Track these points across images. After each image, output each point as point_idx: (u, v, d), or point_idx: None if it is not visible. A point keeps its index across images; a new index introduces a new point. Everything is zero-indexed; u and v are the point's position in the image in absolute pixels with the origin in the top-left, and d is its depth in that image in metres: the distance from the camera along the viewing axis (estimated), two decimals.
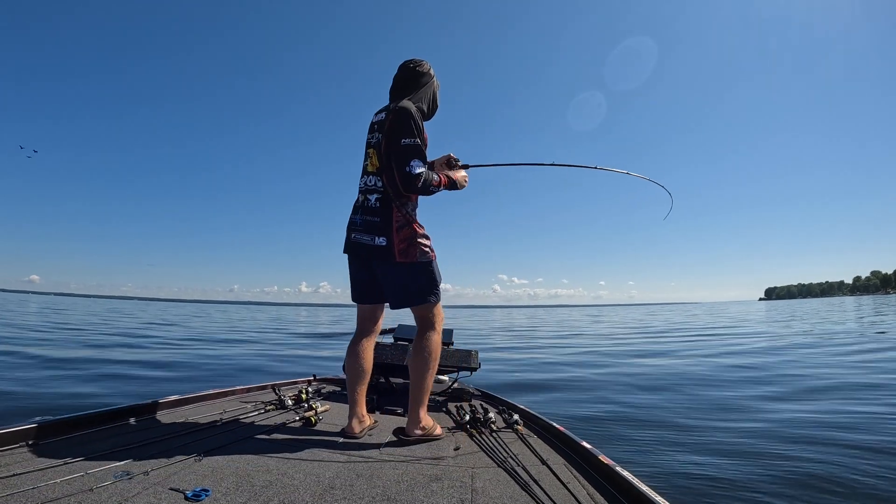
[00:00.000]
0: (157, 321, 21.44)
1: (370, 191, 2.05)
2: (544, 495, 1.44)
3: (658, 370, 7.00)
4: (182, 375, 6.24)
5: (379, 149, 2.03)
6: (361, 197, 2.10)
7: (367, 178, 2.09)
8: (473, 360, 3.12)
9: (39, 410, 3.74)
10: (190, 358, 8.22)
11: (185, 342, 11.38)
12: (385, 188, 2.01)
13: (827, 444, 3.14)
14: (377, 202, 2.02)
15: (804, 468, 2.75)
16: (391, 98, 2.20)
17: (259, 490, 1.39)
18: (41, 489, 1.29)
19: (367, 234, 2.01)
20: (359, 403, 2.11)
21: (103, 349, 8.84)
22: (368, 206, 2.04)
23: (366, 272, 2.12)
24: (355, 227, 2.07)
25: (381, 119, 2.08)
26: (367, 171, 2.10)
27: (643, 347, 10.79)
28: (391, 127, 1.98)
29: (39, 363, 6.55)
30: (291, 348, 10.97)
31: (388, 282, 2.07)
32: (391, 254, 1.97)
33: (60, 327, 14.47)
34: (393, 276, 2.04)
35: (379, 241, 1.98)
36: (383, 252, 1.98)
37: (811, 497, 2.40)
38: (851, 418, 3.79)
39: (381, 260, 2.01)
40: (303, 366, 7.65)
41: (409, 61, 2.19)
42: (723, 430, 3.62)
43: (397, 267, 2.00)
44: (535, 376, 6.53)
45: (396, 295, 2.07)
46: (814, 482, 2.56)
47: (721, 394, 5.05)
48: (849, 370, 6.34)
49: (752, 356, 8.34)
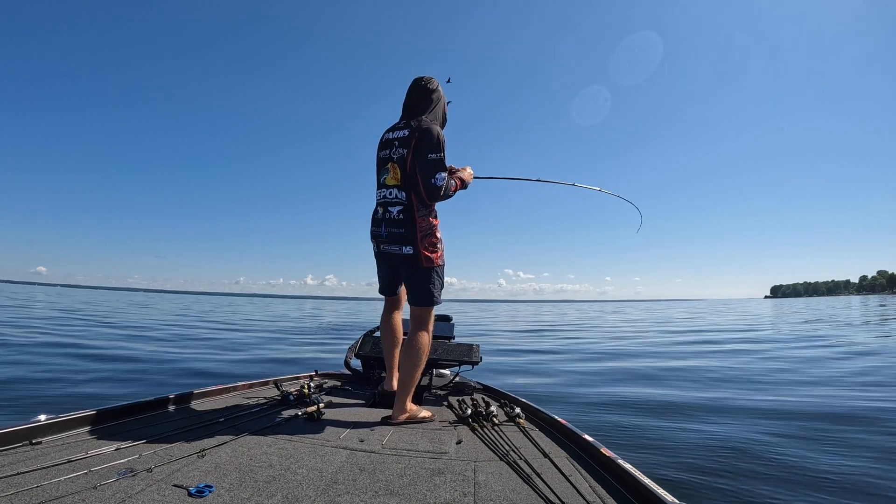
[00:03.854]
0: (218, 316, 21.51)
1: (392, 203, 2.25)
2: (546, 488, 1.44)
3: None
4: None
5: (402, 163, 2.22)
6: (381, 209, 2.30)
7: (386, 191, 2.28)
8: (475, 353, 3.13)
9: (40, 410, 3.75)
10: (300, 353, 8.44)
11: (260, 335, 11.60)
12: (408, 200, 2.21)
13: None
14: (400, 214, 2.23)
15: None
16: (405, 114, 2.37)
17: (262, 485, 1.39)
18: (45, 487, 1.29)
19: (395, 244, 2.25)
20: (393, 367, 2.56)
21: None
22: (392, 218, 2.24)
23: (393, 273, 2.45)
24: (382, 240, 2.30)
25: (404, 136, 2.25)
26: (387, 184, 2.28)
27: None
28: (418, 144, 2.19)
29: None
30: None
31: (409, 283, 2.36)
32: (417, 260, 2.23)
33: (178, 323, 14.56)
34: (415, 279, 2.31)
35: (406, 249, 2.23)
36: (411, 259, 2.24)
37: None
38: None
39: (407, 266, 2.28)
40: (304, 365, 7.68)
41: (421, 79, 2.36)
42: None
43: (419, 272, 2.27)
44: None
45: (412, 295, 2.36)
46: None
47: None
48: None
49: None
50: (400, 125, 2.33)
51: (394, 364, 2.57)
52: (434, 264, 2.27)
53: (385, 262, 2.38)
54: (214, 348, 8.80)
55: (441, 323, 3.47)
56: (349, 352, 3.40)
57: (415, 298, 2.34)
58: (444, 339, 3.30)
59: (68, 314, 16.79)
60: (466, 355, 3.12)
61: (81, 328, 11.64)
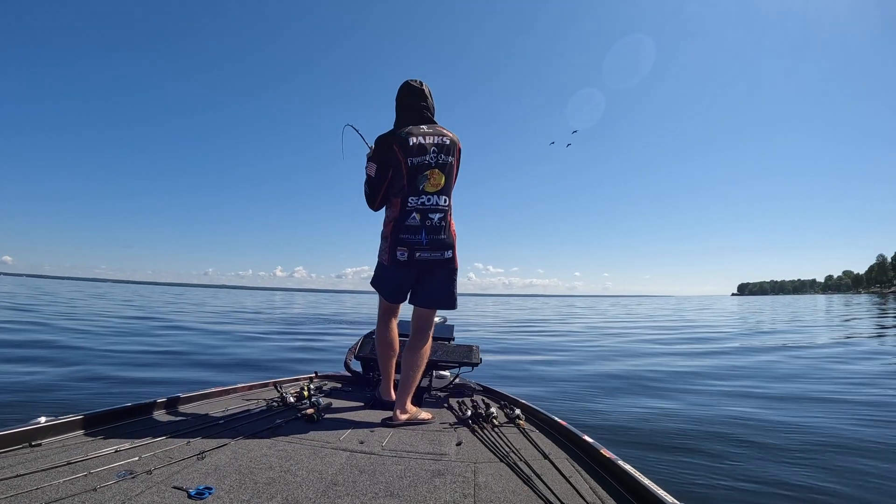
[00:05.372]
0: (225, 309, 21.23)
1: (432, 210, 2.22)
2: (546, 489, 1.44)
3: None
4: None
5: (448, 170, 2.25)
6: (419, 215, 2.21)
7: (424, 198, 2.22)
8: (475, 355, 3.12)
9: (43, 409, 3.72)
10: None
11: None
12: (447, 206, 2.26)
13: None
14: (441, 220, 2.24)
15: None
16: (418, 118, 2.32)
17: (262, 487, 1.39)
18: (45, 489, 1.29)
19: (437, 251, 2.24)
20: (391, 376, 2.52)
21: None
22: (433, 225, 2.22)
23: (412, 280, 2.36)
24: (421, 247, 2.21)
25: (444, 143, 2.25)
26: (426, 190, 2.22)
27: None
28: (459, 154, 2.31)
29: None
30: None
31: (438, 287, 2.34)
32: (454, 262, 2.30)
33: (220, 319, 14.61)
34: (447, 282, 2.34)
35: (447, 254, 2.27)
36: (449, 262, 2.28)
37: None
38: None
39: (445, 271, 2.31)
40: (304, 364, 7.64)
41: (415, 81, 2.35)
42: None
43: (452, 274, 2.34)
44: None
45: (440, 299, 2.35)
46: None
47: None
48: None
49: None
50: (428, 130, 2.26)
51: (391, 374, 2.52)
52: (458, 266, 2.35)
53: (416, 268, 2.27)
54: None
55: (441, 324, 3.47)
56: (349, 353, 3.40)
57: (441, 302, 2.35)
58: (444, 340, 3.30)
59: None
60: (466, 357, 3.11)
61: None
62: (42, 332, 9.03)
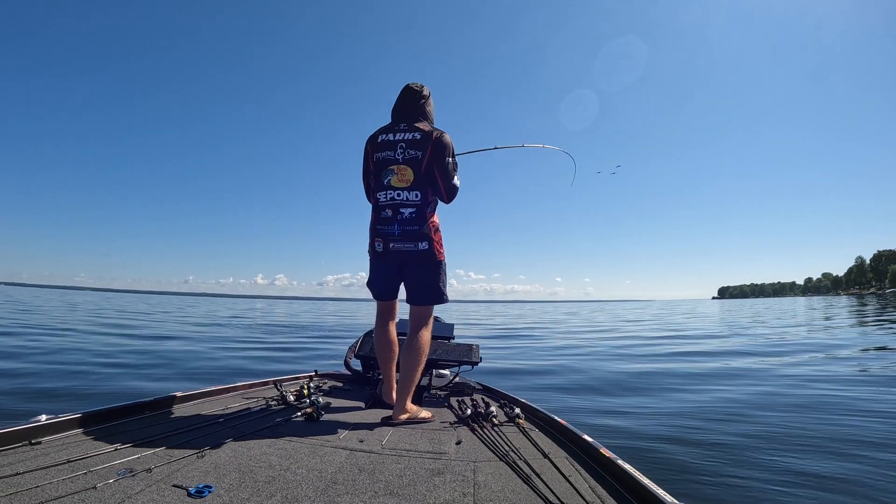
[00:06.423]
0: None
1: (403, 205, 2.25)
2: (546, 488, 1.44)
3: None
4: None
5: (416, 165, 2.24)
6: (390, 210, 2.27)
7: (393, 193, 2.26)
8: (474, 354, 3.13)
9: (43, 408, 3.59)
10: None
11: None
12: (421, 200, 2.25)
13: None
14: (412, 214, 2.25)
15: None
16: (401, 118, 2.36)
17: (262, 486, 1.39)
18: (44, 488, 1.29)
19: (410, 241, 2.25)
20: (392, 378, 2.48)
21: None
22: (405, 218, 2.25)
23: (395, 275, 2.38)
24: (394, 238, 2.27)
25: (415, 139, 2.26)
26: (393, 185, 2.27)
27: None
28: (436, 148, 2.25)
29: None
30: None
31: (420, 280, 2.33)
32: (433, 254, 2.28)
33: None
34: (428, 275, 2.31)
35: (422, 245, 2.25)
36: (427, 254, 2.26)
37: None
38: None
39: (424, 261, 2.28)
40: (305, 363, 7.61)
41: (415, 84, 2.40)
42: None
43: (433, 267, 2.30)
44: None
45: (425, 292, 2.34)
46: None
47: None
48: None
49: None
50: (400, 127, 2.31)
51: (392, 376, 2.49)
52: (443, 259, 2.33)
53: (393, 260, 2.32)
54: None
55: (441, 323, 3.47)
56: (349, 352, 3.40)
57: (425, 297, 2.34)
58: (444, 339, 3.30)
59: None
60: (466, 356, 3.12)
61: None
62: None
